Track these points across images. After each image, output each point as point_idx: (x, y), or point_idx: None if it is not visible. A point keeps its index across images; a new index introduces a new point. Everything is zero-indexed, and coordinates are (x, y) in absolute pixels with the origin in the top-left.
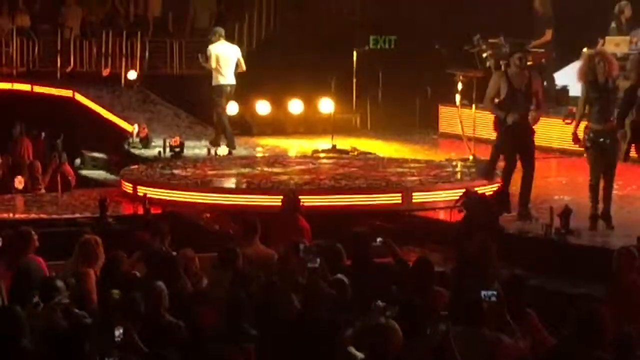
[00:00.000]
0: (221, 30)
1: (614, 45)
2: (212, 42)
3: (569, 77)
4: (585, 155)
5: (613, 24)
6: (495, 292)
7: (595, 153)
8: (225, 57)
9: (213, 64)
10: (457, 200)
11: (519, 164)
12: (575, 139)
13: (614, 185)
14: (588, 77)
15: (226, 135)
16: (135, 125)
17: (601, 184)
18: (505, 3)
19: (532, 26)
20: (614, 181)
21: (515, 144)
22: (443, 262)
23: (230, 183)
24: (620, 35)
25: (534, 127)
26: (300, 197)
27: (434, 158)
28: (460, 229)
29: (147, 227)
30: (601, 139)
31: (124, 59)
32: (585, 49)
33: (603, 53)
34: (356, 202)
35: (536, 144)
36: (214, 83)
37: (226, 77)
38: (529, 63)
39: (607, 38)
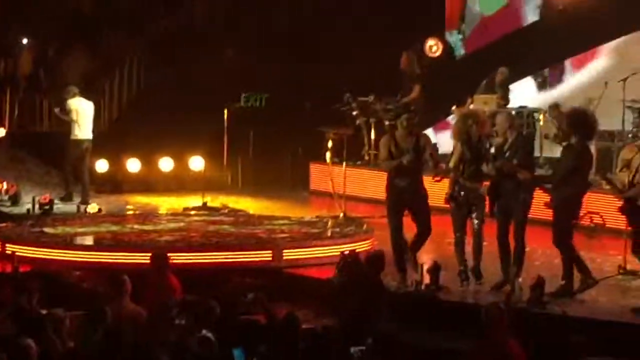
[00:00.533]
0: (75, 88)
1: (483, 103)
2: (67, 99)
3: (438, 135)
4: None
5: (484, 82)
6: (363, 348)
7: (460, 209)
8: (84, 112)
9: (73, 117)
10: (336, 265)
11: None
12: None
13: (483, 241)
14: (462, 136)
15: (83, 189)
16: (4, 183)
17: (469, 240)
18: (374, 61)
19: (400, 84)
20: (482, 236)
21: (404, 206)
22: (314, 319)
23: (100, 240)
24: (489, 94)
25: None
26: (171, 254)
27: (305, 215)
28: (336, 287)
29: (14, 285)
30: (470, 196)
31: None
32: (454, 107)
33: (476, 113)
34: (227, 259)
35: None
36: (72, 137)
37: (85, 131)
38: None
39: (476, 96)
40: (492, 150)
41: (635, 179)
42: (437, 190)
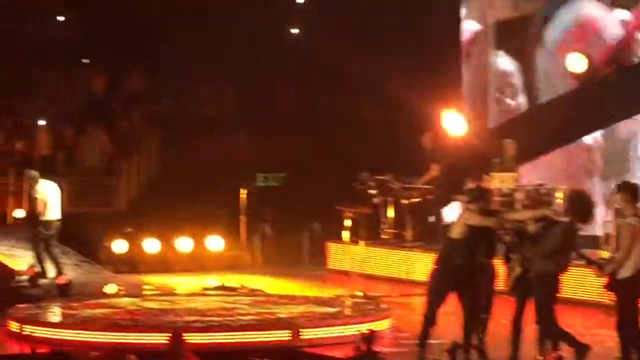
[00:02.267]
0: (36, 173)
1: (500, 181)
2: (33, 185)
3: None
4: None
5: (497, 159)
6: None
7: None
8: (52, 195)
9: (39, 205)
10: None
11: None
12: None
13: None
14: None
15: (56, 262)
16: (24, 264)
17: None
18: (392, 141)
19: (419, 163)
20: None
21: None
22: None
23: (117, 321)
24: (504, 172)
25: None
26: (189, 334)
27: (323, 294)
28: None
29: None
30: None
31: (11, 198)
32: (469, 183)
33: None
34: (245, 339)
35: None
36: (43, 219)
37: (55, 212)
38: (414, 200)
39: (493, 174)
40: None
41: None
42: None
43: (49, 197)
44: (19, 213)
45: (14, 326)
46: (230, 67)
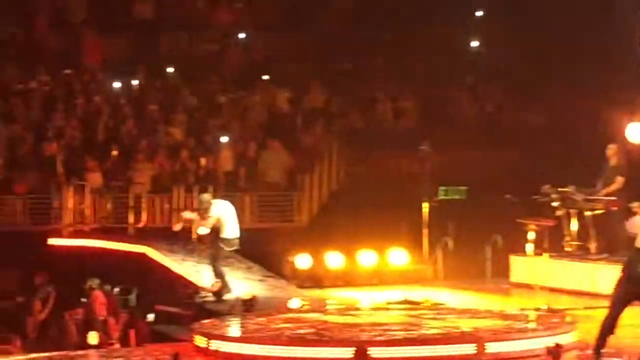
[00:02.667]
0: (207, 196)
1: None
2: (207, 208)
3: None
4: None
5: None
6: None
7: None
8: (228, 214)
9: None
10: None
11: None
12: None
13: None
14: None
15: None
16: (208, 280)
17: None
18: (574, 152)
19: (601, 174)
20: None
21: None
22: None
23: (302, 335)
24: None
25: None
26: (372, 348)
27: (507, 308)
28: None
29: None
30: None
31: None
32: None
33: None
34: (429, 353)
35: None
36: (222, 236)
37: (233, 230)
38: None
39: None
40: None
41: None
42: None
43: (225, 216)
44: (203, 230)
45: (200, 341)
46: (410, 80)
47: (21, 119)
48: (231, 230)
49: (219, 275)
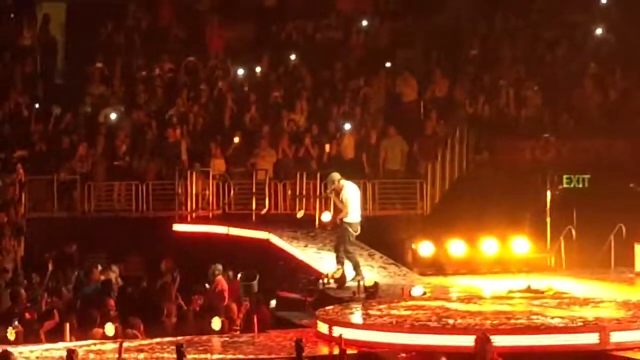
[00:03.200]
0: (337, 175)
1: None
2: (336, 187)
3: None
4: None
5: None
6: None
7: None
8: (355, 196)
9: (347, 206)
10: None
11: None
12: None
13: None
14: None
15: (355, 264)
16: (331, 267)
17: None
18: None
19: None
20: None
21: None
22: None
23: (424, 323)
24: None
25: None
26: (495, 337)
27: (631, 297)
28: None
29: None
30: None
31: (317, 201)
32: None
33: None
34: (552, 342)
35: None
36: (348, 220)
37: (357, 214)
38: None
39: None
40: None
41: None
42: None
43: (352, 198)
44: (326, 216)
45: (322, 327)
46: (534, 67)
47: (145, 106)
48: (355, 214)
49: (340, 262)
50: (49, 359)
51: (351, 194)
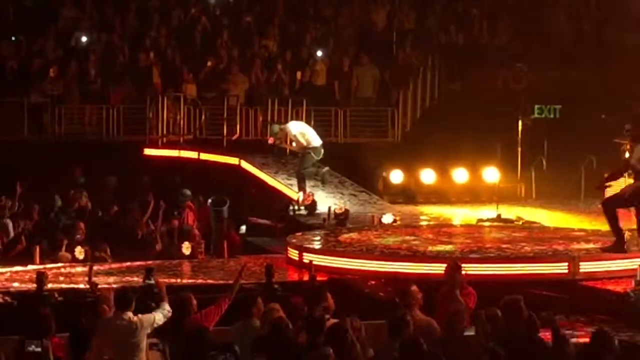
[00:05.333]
0: (276, 126)
1: None
2: (281, 136)
3: None
4: None
5: None
6: None
7: None
8: (302, 128)
9: (302, 141)
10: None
11: None
12: None
13: None
14: None
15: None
16: (300, 193)
17: None
18: None
19: None
20: None
21: None
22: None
23: (395, 251)
24: None
25: None
26: (464, 265)
27: (600, 227)
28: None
29: (311, 294)
30: None
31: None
32: None
33: None
34: (522, 272)
35: None
36: (311, 145)
37: (317, 138)
38: None
39: None
40: None
41: None
42: None
43: (299, 131)
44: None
45: (293, 254)
46: None
47: (117, 30)
48: (314, 139)
49: (302, 189)
50: (18, 280)
51: (295, 128)
